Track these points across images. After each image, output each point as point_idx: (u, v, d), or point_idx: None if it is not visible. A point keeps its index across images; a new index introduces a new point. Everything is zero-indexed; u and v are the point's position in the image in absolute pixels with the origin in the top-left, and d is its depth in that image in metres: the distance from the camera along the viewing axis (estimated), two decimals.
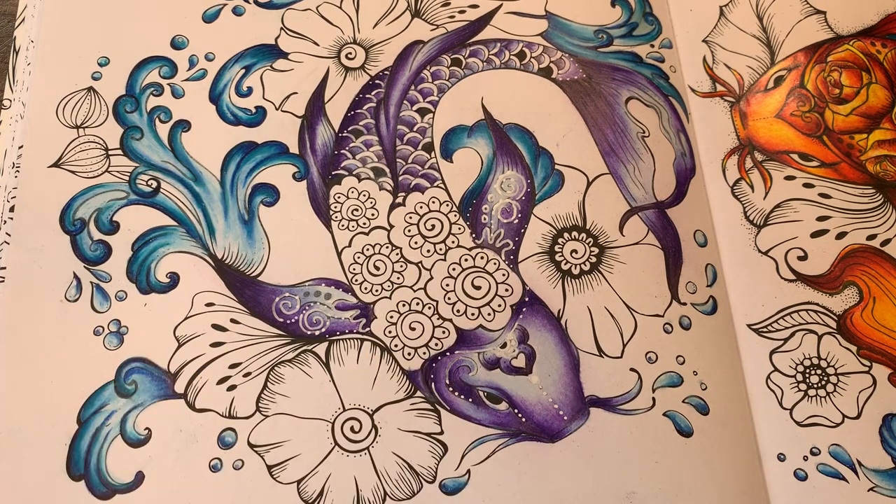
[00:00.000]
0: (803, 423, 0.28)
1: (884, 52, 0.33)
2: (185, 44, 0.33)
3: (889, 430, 0.28)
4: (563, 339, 0.29)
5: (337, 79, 0.33)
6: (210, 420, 0.28)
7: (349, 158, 0.31)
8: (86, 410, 0.28)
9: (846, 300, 0.30)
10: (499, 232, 0.31)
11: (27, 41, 0.33)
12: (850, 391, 0.28)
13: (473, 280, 0.30)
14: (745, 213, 0.31)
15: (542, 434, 0.28)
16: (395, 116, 0.32)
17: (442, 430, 0.28)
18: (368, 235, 0.30)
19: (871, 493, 0.27)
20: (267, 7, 0.34)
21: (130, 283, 0.29)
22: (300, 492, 0.27)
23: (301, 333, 0.29)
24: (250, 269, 0.30)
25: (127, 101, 0.32)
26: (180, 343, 0.29)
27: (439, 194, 0.31)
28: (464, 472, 0.27)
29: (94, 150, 0.31)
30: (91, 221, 0.30)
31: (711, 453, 0.28)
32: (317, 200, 0.31)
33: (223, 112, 0.32)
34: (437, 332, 0.29)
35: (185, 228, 0.30)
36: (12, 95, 0.32)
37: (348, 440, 0.28)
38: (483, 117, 0.32)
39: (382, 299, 0.29)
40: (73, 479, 0.27)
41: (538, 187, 0.31)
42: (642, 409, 0.28)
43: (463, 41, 0.33)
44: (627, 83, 0.33)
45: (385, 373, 0.29)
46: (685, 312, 0.29)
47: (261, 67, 0.33)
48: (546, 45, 0.33)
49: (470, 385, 0.28)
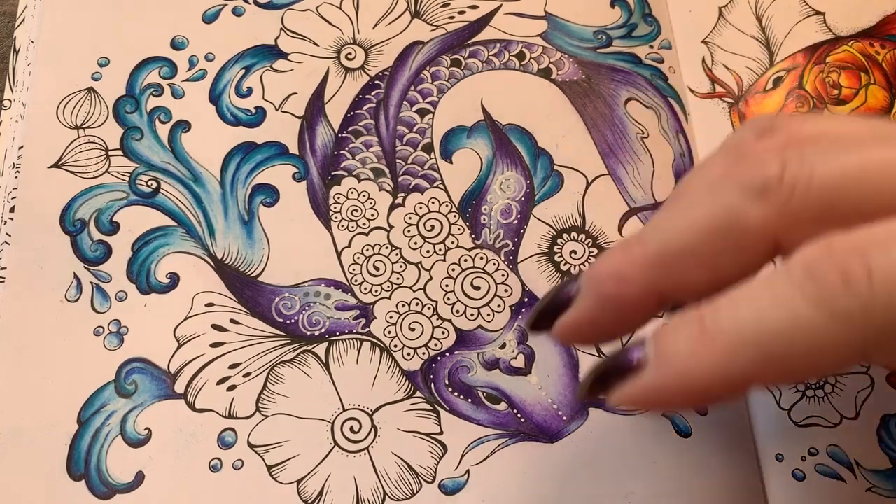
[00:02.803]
0: (801, 423, 0.28)
1: (882, 53, 0.33)
2: (185, 44, 0.33)
3: (887, 430, 0.28)
4: None
5: (336, 79, 0.33)
6: (210, 420, 0.28)
7: (349, 159, 0.32)
8: (86, 410, 0.28)
9: None
10: (498, 232, 0.31)
11: (27, 41, 0.33)
12: (848, 392, 0.28)
13: (473, 280, 0.30)
14: None
15: (541, 434, 0.28)
16: (395, 117, 0.32)
17: (441, 430, 0.28)
18: (368, 236, 0.30)
19: (869, 493, 0.27)
20: (267, 7, 0.34)
21: (130, 283, 0.29)
22: (300, 492, 0.27)
23: (301, 334, 0.29)
24: (250, 270, 0.30)
25: (127, 101, 0.32)
26: (180, 343, 0.29)
27: (439, 195, 0.31)
28: (463, 472, 0.27)
29: (94, 151, 0.31)
30: (91, 222, 0.30)
31: (710, 454, 0.28)
32: (316, 201, 0.31)
33: (223, 112, 0.32)
34: (436, 333, 0.29)
35: (185, 229, 0.30)
36: (12, 96, 0.32)
37: (348, 440, 0.28)
38: (483, 118, 0.32)
39: (382, 300, 0.30)
40: (73, 479, 0.27)
41: (537, 188, 0.31)
42: (641, 410, 0.28)
43: (462, 42, 0.33)
44: (627, 84, 0.33)
45: (385, 373, 0.29)
46: None
47: (261, 68, 0.33)
48: (545, 46, 0.33)
49: (469, 385, 0.29)
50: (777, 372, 0.16)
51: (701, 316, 0.17)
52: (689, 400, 0.18)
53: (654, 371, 0.18)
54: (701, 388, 0.17)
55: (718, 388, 0.17)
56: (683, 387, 0.17)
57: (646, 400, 0.18)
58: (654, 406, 0.19)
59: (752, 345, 0.16)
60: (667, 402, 0.19)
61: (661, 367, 0.18)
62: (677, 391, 0.17)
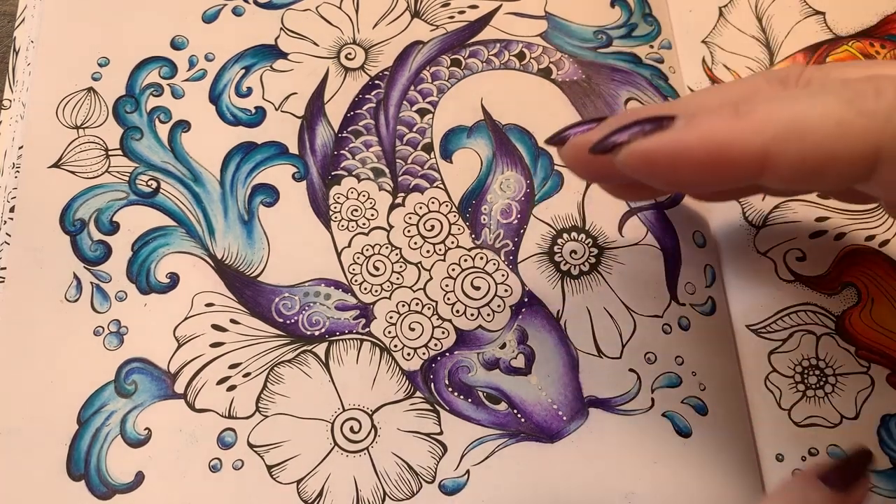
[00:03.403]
0: (802, 423, 0.28)
1: (882, 52, 0.33)
2: (184, 44, 0.33)
3: (887, 430, 0.28)
4: (562, 339, 0.29)
5: (336, 79, 0.33)
6: (210, 420, 0.28)
7: (349, 159, 0.32)
8: (86, 410, 0.28)
9: (845, 301, 0.30)
10: (498, 232, 0.31)
11: (27, 41, 0.33)
12: (848, 392, 0.28)
13: (473, 280, 0.30)
14: (743, 213, 0.31)
15: (541, 434, 0.28)
16: (395, 117, 0.32)
17: (441, 430, 0.28)
18: (368, 236, 0.30)
19: (868, 493, 0.27)
20: (267, 7, 0.34)
21: (130, 283, 0.29)
22: (300, 492, 0.27)
23: (301, 334, 0.29)
24: (250, 270, 0.30)
25: (127, 101, 0.32)
26: (180, 343, 0.29)
27: (439, 195, 0.31)
28: (463, 472, 0.27)
29: (94, 151, 0.31)
30: (91, 222, 0.30)
31: (710, 453, 0.28)
32: (316, 201, 0.31)
33: (223, 112, 0.32)
34: (436, 333, 0.29)
35: (184, 229, 0.30)
36: (12, 96, 0.32)
37: (348, 440, 0.28)
38: (483, 118, 0.32)
39: (382, 300, 0.30)
40: (73, 479, 0.27)
41: (537, 188, 0.31)
42: (641, 410, 0.28)
43: (462, 42, 0.33)
44: (627, 84, 0.33)
45: (385, 373, 0.29)
46: (684, 313, 0.30)
47: (261, 68, 0.33)
48: (546, 46, 0.33)
49: (469, 385, 0.29)
50: (794, 154, 0.17)
51: (736, 104, 0.18)
52: (704, 162, 0.18)
53: (681, 128, 0.18)
54: (719, 151, 0.17)
55: (738, 153, 0.17)
56: (704, 145, 0.18)
57: (663, 153, 0.18)
58: (666, 164, 0.19)
59: (780, 121, 0.17)
60: (682, 160, 0.18)
61: (688, 126, 0.18)
62: (697, 147, 0.18)
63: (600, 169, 0.22)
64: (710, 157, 0.18)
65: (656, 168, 0.19)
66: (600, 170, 0.22)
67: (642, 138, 0.19)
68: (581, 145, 0.22)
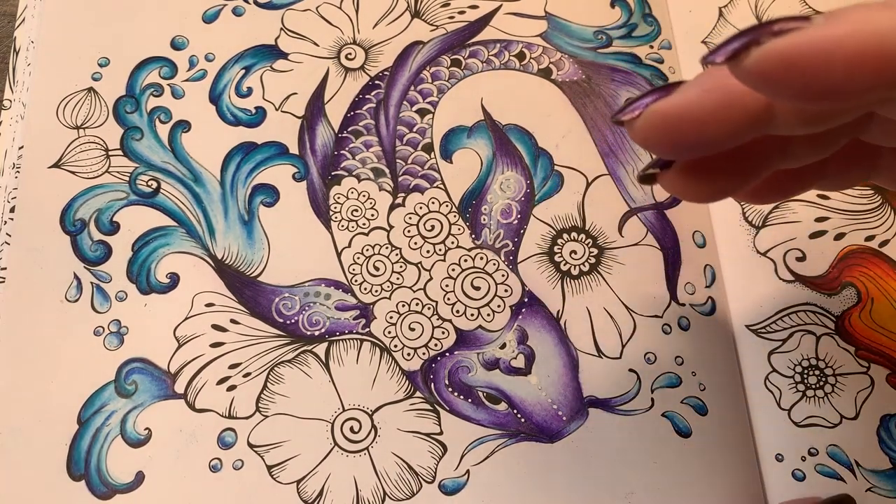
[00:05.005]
0: (801, 423, 0.28)
1: None
2: (185, 44, 0.33)
3: (887, 430, 0.28)
4: (562, 339, 0.29)
5: (337, 79, 0.33)
6: (210, 420, 0.28)
7: (349, 159, 0.32)
8: (86, 410, 0.28)
9: (844, 301, 0.30)
10: (498, 232, 0.31)
11: (27, 42, 0.33)
12: (848, 392, 0.28)
13: (473, 281, 0.30)
14: (743, 213, 0.31)
15: (541, 434, 0.28)
16: (395, 117, 0.32)
17: (441, 430, 0.28)
18: (368, 236, 0.30)
19: (868, 493, 0.27)
20: (267, 7, 0.34)
21: (130, 283, 0.29)
22: (300, 492, 0.27)
23: (301, 334, 0.29)
24: (250, 270, 0.30)
25: (127, 101, 0.32)
26: (180, 343, 0.29)
27: (439, 195, 0.31)
28: (463, 472, 0.27)
29: (94, 151, 0.31)
30: (91, 222, 0.30)
31: (710, 454, 0.28)
32: (316, 201, 0.31)
33: (223, 112, 0.32)
34: (436, 333, 0.29)
35: (185, 229, 0.30)
36: (12, 96, 0.32)
37: (348, 440, 0.28)
38: (483, 118, 0.32)
39: (382, 300, 0.30)
40: (73, 479, 0.27)
41: (537, 188, 0.31)
42: (641, 410, 0.28)
43: (463, 42, 0.33)
44: (627, 84, 0.33)
45: (385, 373, 0.29)
46: (684, 313, 0.30)
47: (261, 68, 0.33)
48: (546, 46, 0.33)
49: (469, 385, 0.29)
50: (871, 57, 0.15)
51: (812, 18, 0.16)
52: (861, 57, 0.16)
53: (822, 24, 0.16)
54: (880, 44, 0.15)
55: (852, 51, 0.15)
56: (859, 37, 0.15)
57: (809, 48, 0.16)
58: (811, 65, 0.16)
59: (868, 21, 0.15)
60: (833, 58, 0.16)
61: (833, 19, 0.16)
62: (850, 41, 0.15)
63: (692, 133, 0.18)
64: (869, 50, 0.15)
65: (797, 71, 0.16)
66: (691, 135, 0.18)
67: (775, 39, 0.16)
68: (664, 110, 0.18)
